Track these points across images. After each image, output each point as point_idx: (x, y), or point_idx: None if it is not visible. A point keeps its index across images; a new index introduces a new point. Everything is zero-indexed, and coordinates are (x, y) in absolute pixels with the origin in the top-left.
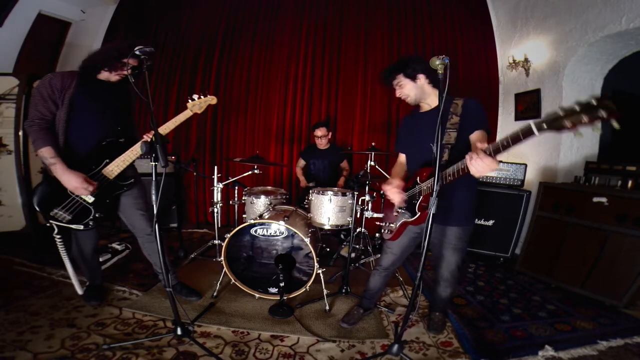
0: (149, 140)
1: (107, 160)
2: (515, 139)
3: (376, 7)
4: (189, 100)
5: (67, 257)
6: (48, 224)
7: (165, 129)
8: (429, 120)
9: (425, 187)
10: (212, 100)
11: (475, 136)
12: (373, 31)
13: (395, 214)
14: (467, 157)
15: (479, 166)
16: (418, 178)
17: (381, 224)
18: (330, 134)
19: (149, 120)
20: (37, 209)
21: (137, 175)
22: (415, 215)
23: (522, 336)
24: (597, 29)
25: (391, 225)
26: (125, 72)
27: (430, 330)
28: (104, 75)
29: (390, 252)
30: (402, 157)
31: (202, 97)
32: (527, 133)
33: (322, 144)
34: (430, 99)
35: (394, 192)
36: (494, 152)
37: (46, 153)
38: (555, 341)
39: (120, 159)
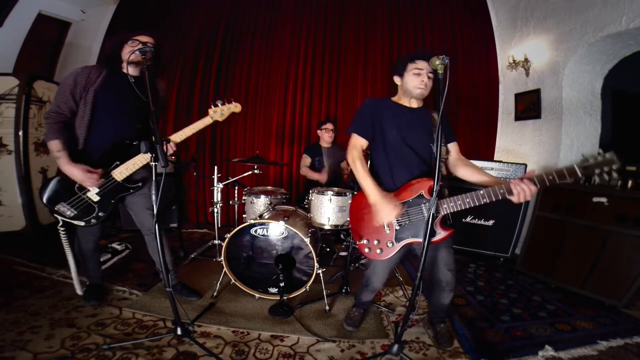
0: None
1: (118, 162)
2: (561, 176)
3: (376, 6)
4: (211, 106)
5: (71, 250)
6: (53, 217)
7: (181, 135)
8: (420, 120)
9: (445, 206)
10: (236, 108)
11: (456, 148)
12: (373, 31)
13: (388, 231)
14: (515, 183)
15: (527, 194)
16: (424, 191)
17: (362, 241)
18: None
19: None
20: (44, 202)
21: (150, 176)
22: (438, 234)
23: (522, 336)
24: (597, 29)
25: (380, 242)
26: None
27: (441, 344)
28: (126, 61)
29: (382, 272)
30: (363, 143)
31: (226, 103)
32: (572, 173)
33: (329, 137)
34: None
35: (393, 212)
36: (539, 183)
37: (53, 146)
38: (555, 341)
39: (131, 162)
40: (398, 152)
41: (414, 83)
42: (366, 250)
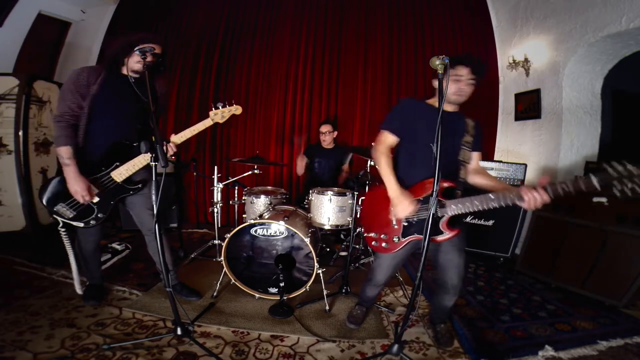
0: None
1: (118, 163)
2: (577, 187)
3: (376, 6)
4: (212, 109)
5: (72, 251)
6: (52, 218)
7: (181, 137)
8: (451, 124)
9: (453, 207)
10: (236, 110)
11: (477, 157)
12: (373, 31)
13: (395, 226)
14: (526, 190)
15: (538, 202)
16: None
17: (370, 234)
18: (335, 133)
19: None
20: (44, 202)
21: (150, 177)
22: (442, 234)
23: (522, 336)
24: (597, 29)
25: (387, 237)
26: (142, 61)
27: (441, 344)
28: (127, 67)
29: (387, 267)
30: (391, 141)
31: (227, 105)
32: (589, 186)
33: (326, 141)
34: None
35: (409, 208)
36: (552, 192)
37: (64, 152)
38: (555, 341)
39: (131, 163)
40: (422, 153)
41: (451, 90)
42: (373, 243)
